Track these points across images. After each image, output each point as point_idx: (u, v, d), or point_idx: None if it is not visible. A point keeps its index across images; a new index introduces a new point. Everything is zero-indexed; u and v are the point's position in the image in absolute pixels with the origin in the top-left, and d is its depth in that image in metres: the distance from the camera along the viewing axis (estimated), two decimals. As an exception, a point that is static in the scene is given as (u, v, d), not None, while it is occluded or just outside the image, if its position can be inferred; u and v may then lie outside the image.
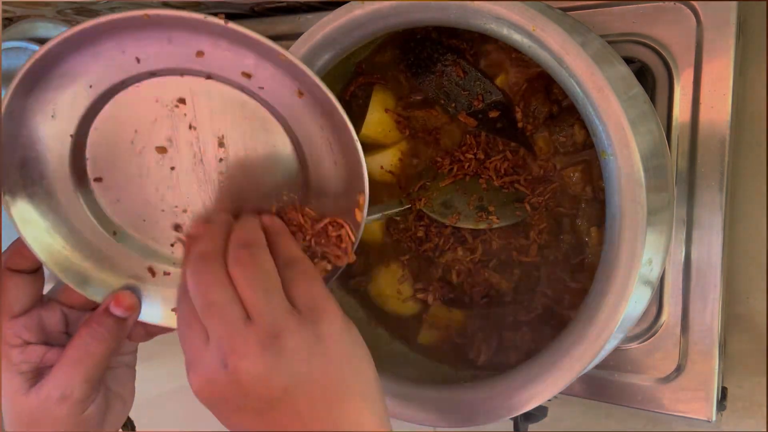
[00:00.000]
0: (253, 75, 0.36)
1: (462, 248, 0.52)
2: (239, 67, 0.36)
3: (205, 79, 0.37)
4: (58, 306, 0.41)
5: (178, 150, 0.39)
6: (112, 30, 0.34)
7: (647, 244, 0.37)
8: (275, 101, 0.38)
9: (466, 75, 0.50)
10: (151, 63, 0.36)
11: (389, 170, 0.53)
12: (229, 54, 0.36)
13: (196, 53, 0.36)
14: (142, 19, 0.33)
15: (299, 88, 0.37)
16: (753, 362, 0.56)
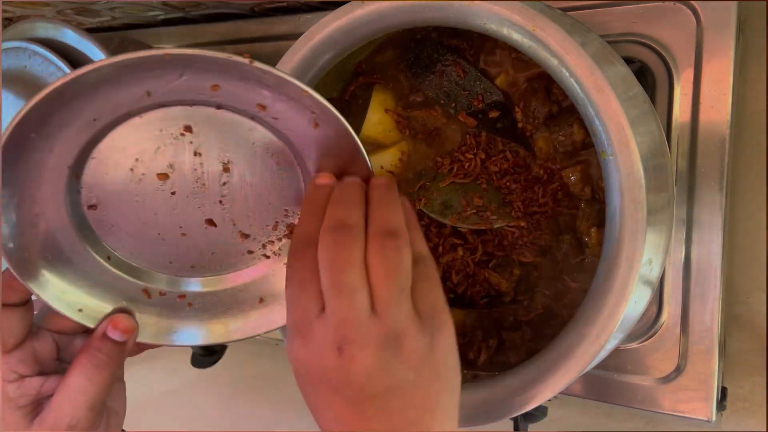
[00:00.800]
0: (268, 107, 0.36)
1: (462, 248, 0.52)
2: (254, 100, 0.35)
3: (215, 109, 0.36)
4: (49, 334, 0.40)
5: (180, 175, 0.39)
6: (127, 69, 0.33)
7: (647, 244, 0.37)
8: (288, 131, 0.37)
9: (466, 75, 0.50)
10: (161, 96, 0.35)
11: (389, 170, 0.53)
12: (244, 88, 0.35)
13: (211, 86, 0.35)
14: (163, 58, 0.32)
15: (315, 119, 0.36)
16: (753, 362, 0.56)
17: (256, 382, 0.86)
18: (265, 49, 0.64)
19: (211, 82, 0.34)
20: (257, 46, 0.64)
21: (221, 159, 0.38)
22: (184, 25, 0.69)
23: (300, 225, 0.35)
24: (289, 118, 0.36)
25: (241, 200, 0.40)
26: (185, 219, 0.40)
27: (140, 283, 0.42)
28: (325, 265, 0.33)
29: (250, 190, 0.40)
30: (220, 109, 0.36)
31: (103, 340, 0.39)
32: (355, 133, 0.36)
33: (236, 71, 0.33)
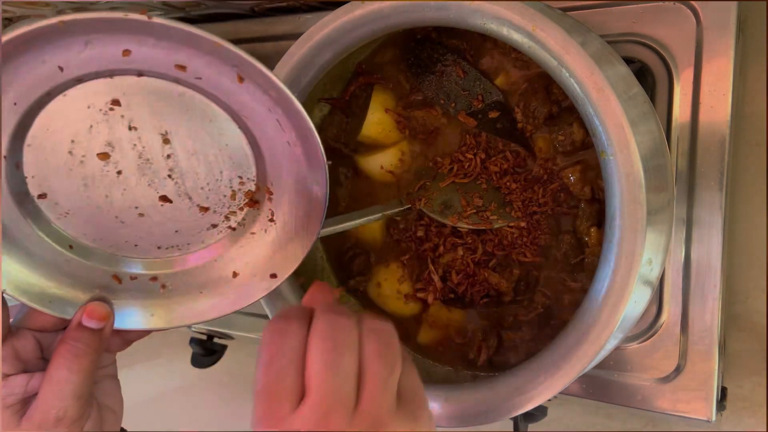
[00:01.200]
0: (187, 66, 0.34)
1: (462, 248, 0.52)
2: (171, 60, 0.34)
3: (136, 77, 0.35)
4: (29, 332, 0.40)
5: (121, 153, 0.38)
6: (28, 42, 0.32)
7: (647, 244, 0.37)
8: (215, 89, 0.36)
9: (466, 75, 0.50)
10: (75, 69, 0.34)
11: (389, 170, 0.53)
12: (158, 49, 0.34)
13: (122, 52, 0.33)
14: (57, 27, 0.31)
15: (238, 73, 0.35)
16: (753, 362, 0.56)
17: (256, 382, 0.86)
18: (265, 49, 0.64)
19: (121, 47, 0.33)
20: (257, 46, 0.64)
21: (158, 130, 0.37)
22: (184, 25, 0.69)
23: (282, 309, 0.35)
24: (212, 76, 0.35)
25: (190, 172, 0.39)
26: (139, 198, 0.39)
27: (109, 269, 0.42)
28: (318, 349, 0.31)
29: (196, 160, 0.39)
30: (141, 76, 0.35)
31: (79, 330, 0.39)
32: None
33: (139, 31, 0.32)
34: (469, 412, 0.43)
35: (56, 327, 0.41)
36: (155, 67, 0.35)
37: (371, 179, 0.54)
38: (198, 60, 0.34)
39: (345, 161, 0.55)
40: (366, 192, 0.55)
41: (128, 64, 0.34)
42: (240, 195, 0.41)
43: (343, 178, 0.56)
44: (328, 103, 0.54)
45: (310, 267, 0.56)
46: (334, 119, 0.55)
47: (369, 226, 0.54)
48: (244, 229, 0.42)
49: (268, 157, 0.39)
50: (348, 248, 0.57)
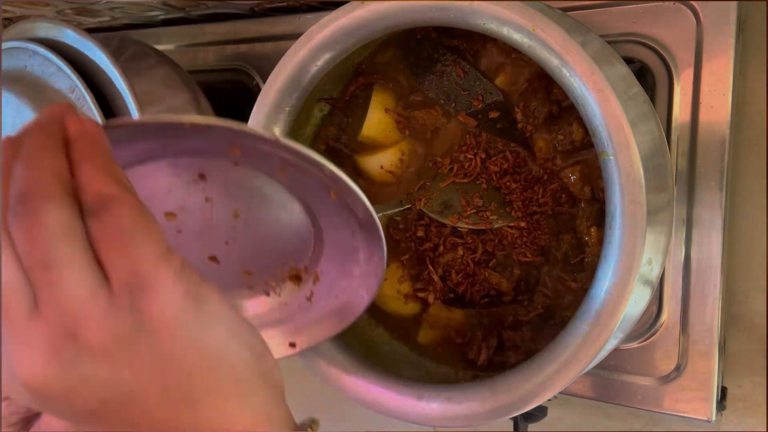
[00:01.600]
0: (287, 172, 0.35)
1: (462, 248, 0.52)
2: (275, 163, 0.34)
3: (233, 164, 0.35)
4: None
5: (188, 216, 0.38)
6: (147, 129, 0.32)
7: (647, 244, 0.37)
8: (305, 194, 0.37)
9: (466, 75, 0.50)
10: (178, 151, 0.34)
11: (389, 170, 0.53)
12: (265, 155, 0.33)
13: (231, 148, 0.33)
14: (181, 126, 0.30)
15: (334, 190, 0.35)
16: (753, 362, 0.56)
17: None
18: (265, 49, 0.64)
19: (232, 144, 0.33)
20: (257, 46, 0.64)
21: (233, 207, 0.38)
22: (184, 25, 0.69)
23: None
24: (306, 183, 0.35)
25: (247, 244, 0.40)
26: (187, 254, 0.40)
27: None
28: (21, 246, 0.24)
29: (258, 236, 0.39)
30: (237, 165, 0.35)
31: None
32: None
33: (258, 141, 0.32)
34: (469, 412, 0.43)
35: None
36: (255, 165, 0.35)
37: (371, 179, 0.54)
38: (300, 174, 0.34)
39: (345, 161, 0.55)
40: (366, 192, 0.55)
41: (231, 156, 0.34)
42: (285, 269, 0.42)
43: (343, 178, 0.56)
44: (328, 103, 0.54)
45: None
46: (334, 119, 0.55)
47: (369, 226, 0.54)
48: (278, 298, 0.43)
49: (327, 251, 0.40)
50: (348, 248, 0.57)
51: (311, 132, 0.55)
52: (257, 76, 0.64)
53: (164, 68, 0.58)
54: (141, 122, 0.31)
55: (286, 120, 0.49)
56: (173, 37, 0.70)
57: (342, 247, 0.39)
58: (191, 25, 0.69)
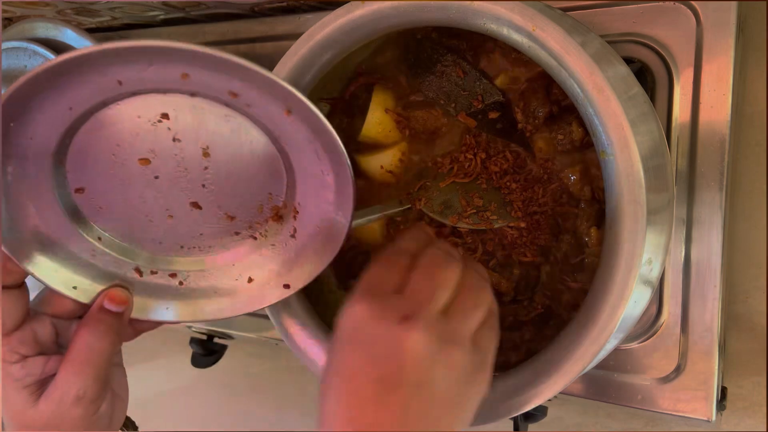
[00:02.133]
0: (240, 95, 0.36)
1: (462, 248, 0.52)
2: (226, 87, 0.36)
3: (189, 96, 0.37)
4: (47, 317, 0.41)
5: (161, 160, 0.40)
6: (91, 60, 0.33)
7: (647, 244, 0.37)
8: (263, 117, 0.38)
9: (466, 75, 0.50)
10: (133, 85, 0.36)
11: (389, 170, 0.53)
12: (214, 77, 0.35)
13: (181, 75, 0.35)
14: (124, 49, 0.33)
15: (287, 106, 0.36)
16: (753, 362, 0.56)
17: (256, 382, 0.86)
18: (265, 49, 0.64)
19: (181, 71, 0.35)
20: (257, 46, 0.64)
21: (200, 144, 0.39)
22: (184, 25, 0.69)
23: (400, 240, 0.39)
24: (262, 105, 0.37)
25: (224, 184, 0.41)
26: (171, 202, 0.41)
27: (132, 262, 0.44)
28: (429, 260, 0.36)
29: (232, 175, 0.41)
30: (194, 96, 0.37)
31: (101, 312, 0.41)
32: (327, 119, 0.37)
33: (203, 61, 0.34)
34: (469, 412, 0.43)
35: (72, 314, 0.43)
36: (209, 91, 0.36)
37: (371, 179, 0.54)
38: (250, 91, 0.36)
39: (345, 161, 0.55)
40: (366, 192, 0.55)
41: (184, 85, 0.36)
42: (267, 209, 0.43)
43: (343, 178, 0.56)
44: (328, 103, 0.54)
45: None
46: (334, 119, 0.55)
47: (369, 226, 0.54)
48: (266, 240, 0.44)
49: (300, 181, 0.41)
50: (348, 248, 0.57)
51: (311, 132, 0.55)
52: (257, 76, 0.64)
53: (164, 68, 0.58)
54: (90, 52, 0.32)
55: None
56: (173, 37, 0.70)
57: (312, 174, 0.40)
58: (191, 25, 0.69)
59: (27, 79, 0.33)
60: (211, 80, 0.35)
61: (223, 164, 0.40)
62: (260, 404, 0.86)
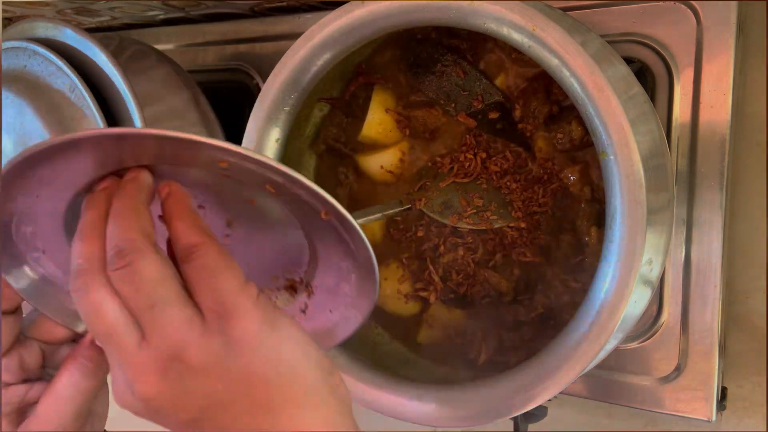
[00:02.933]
0: (278, 190, 0.34)
1: (462, 248, 0.52)
2: (264, 180, 0.33)
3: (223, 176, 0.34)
4: (36, 343, 0.39)
5: None
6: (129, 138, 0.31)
7: (647, 244, 0.37)
8: (297, 212, 0.36)
9: (466, 75, 0.50)
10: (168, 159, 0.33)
11: (389, 170, 0.53)
12: (255, 171, 0.32)
13: (219, 161, 0.32)
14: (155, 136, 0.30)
15: (325, 210, 0.34)
16: (753, 362, 0.56)
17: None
18: (265, 49, 0.64)
19: (220, 159, 0.32)
20: (257, 46, 0.64)
21: (225, 215, 0.38)
22: (184, 25, 0.69)
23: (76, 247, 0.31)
24: (298, 201, 0.34)
25: (241, 252, 0.39)
26: None
27: None
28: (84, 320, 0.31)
29: (252, 246, 0.39)
30: (228, 177, 0.34)
31: (91, 348, 0.38)
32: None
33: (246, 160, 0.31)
34: (469, 412, 0.43)
35: (62, 340, 0.41)
36: (245, 178, 0.34)
37: (371, 179, 0.54)
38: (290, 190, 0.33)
39: (345, 161, 0.55)
40: (366, 192, 0.55)
41: (222, 171, 0.33)
42: (282, 279, 0.41)
43: (343, 178, 0.56)
44: (328, 103, 0.54)
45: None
46: (334, 119, 0.55)
47: (369, 226, 0.54)
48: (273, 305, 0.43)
49: (321, 267, 0.39)
50: (348, 248, 0.57)
51: (311, 132, 0.55)
52: (257, 76, 0.64)
53: (164, 68, 0.58)
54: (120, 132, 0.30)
55: (286, 120, 0.49)
56: (173, 37, 0.70)
57: (335, 266, 0.39)
58: (191, 25, 0.69)
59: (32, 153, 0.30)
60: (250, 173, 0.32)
61: (245, 235, 0.38)
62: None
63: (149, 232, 0.31)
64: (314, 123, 0.55)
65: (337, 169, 0.56)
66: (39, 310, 0.39)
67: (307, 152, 0.55)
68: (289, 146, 0.51)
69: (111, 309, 0.30)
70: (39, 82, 0.52)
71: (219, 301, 0.30)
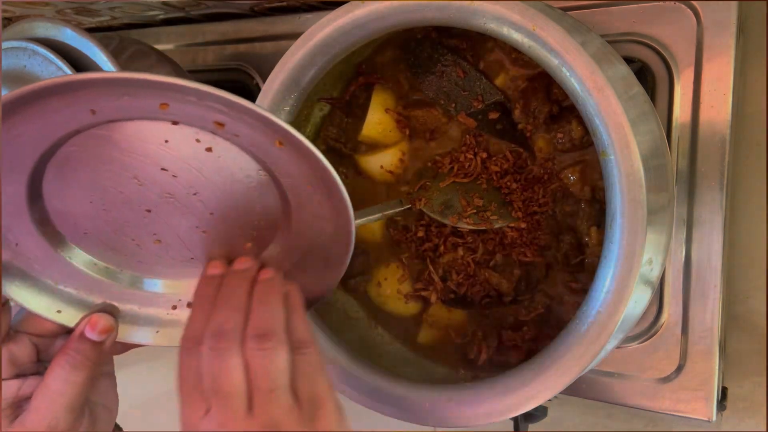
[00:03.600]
0: (226, 124, 0.34)
1: (462, 248, 0.52)
2: (210, 117, 0.34)
3: (171, 124, 0.34)
4: (27, 337, 0.40)
5: (146, 186, 0.37)
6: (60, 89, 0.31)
7: (647, 244, 0.37)
8: (252, 147, 0.36)
9: (466, 75, 0.50)
10: (109, 113, 0.33)
11: (389, 170, 0.53)
12: (197, 108, 0.33)
13: (159, 105, 0.33)
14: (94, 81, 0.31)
15: (278, 138, 0.34)
16: (753, 362, 0.56)
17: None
18: (265, 48, 0.64)
19: (160, 101, 0.33)
20: (257, 46, 0.64)
21: (187, 171, 0.37)
22: (184, 25, 0.69)
23: (189, 323, 0.37)
24: (251, 137, 0.35)
25: (214, 210, 0.39)
26: (158, 227, 0.39)
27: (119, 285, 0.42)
28: (205, 371, 0.35)
29: (222, 202, 0.39)
30: (176, 124, 0.34)
31: (80, 341, 0.39)
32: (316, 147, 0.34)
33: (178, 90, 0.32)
34: (469, 412, 0.43)
35: (56, 333, 0.41)
36: (192, 121, 0.34)
37: (371, 179, 0.54)
38: (237, 121, 0.34)
39: (345, 161, 0.55)
40: (366, 192, 0.55)
41: (165, 114, 0.34)
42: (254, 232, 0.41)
43: (343, 178, 0.56)
44: (328, 103, 0.54)
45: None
46: (334, 119, 0.55)
47: (369, 226, 0.54)
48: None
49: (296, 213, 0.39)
50: (348, 248, 0.57)
51: (311, 132, 0.55)
52: (257, 76, 0.64)
53: (164, 68, 0.58)
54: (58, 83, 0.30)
55: (286, 119, 0.49)
56: (173, 37, 0.70)
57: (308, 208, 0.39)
58: (191, 25, 0.69)
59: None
60: (193, 111, 0.33)
61: (214, 192, 0.38)
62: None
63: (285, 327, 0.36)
64: (314, 123, 0.55)
65: (337, 169, 0.55)
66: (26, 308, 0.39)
67: (307, 152, 0.55)
68: (289, 146, 0.51)
69: (238, 377, 0.34)
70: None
71: (315, 396, 0.35)
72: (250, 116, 0.33)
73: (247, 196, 0.39)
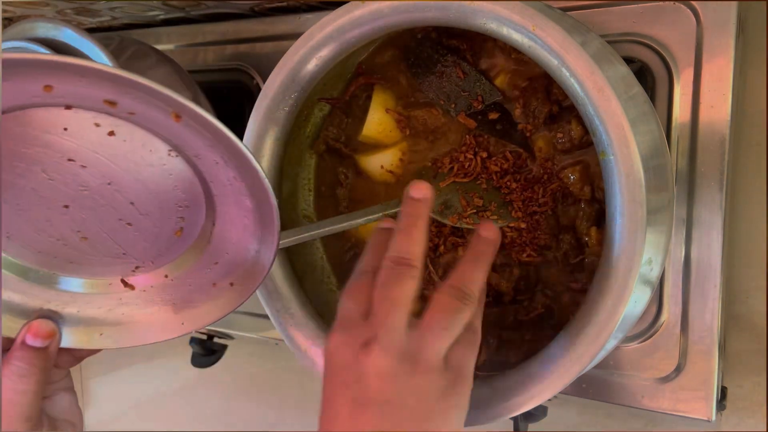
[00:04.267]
0: (117, 102, 0.32)
1: (462, 248, 0.52)
2: (99, 95, 0.31)
3: (64, 109, 0.32)
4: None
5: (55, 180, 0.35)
6: None
7: (647, 244, 0.37)
8: (151, 124, 0.33)
9: (466, 76, 0.50)
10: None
11: (389, 170, 0.53)
12: (81, 86, 0.30)
13: (43, 88, 0.30)
14: None
15: (173, 111, 0.32)
16: (753, 362, 0.56)
17: (256, 382, 0.86)
18: (265, 49, 0.64)
19: (42, 83, 0.30)
20: (257, 46, 0.64)
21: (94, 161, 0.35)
22: (184, 25, 0.69)
23: (362, 259, 0.40)
24: (147, 113, 0.32)
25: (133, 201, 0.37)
26: (80, 223, 0.38)
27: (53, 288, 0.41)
28: (383, 281, 0.37)
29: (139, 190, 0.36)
30: (70, 109, 0.32)
31: (23, 349, 0.38)
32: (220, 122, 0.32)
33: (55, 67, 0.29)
34: (469, 412, 0.43)
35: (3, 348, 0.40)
36: (83, 102, 0.32)
37: (371, 179, 0.54)
38: (128, 97, 0.31)
39: (345, 161, 0.55)
40: (366, 192, 0.55)
41: (53, 98, 0.31)
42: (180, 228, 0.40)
43: (343, 178, 0.56)
44: (328, 103, 0.54)
45: (310, 267, 0.56)
46: (334, 119, 0.55)
47: (369, 226, 0.54)
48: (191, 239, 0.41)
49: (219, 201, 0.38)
50: (348, 248, 0.57)
51: (311, 132, 0.55)
52: (257, 76, 0.64)
53: (164, 68, 0.58)
54: None
55: (285, 119, 0.49)
56: (173, 37, 0.70)
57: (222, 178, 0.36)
58: (191, 25, 0.69)
59: None
60: (80, 90, 0.31)
61: (128, 180, 0.36)
62: (260, 404, 0.86)
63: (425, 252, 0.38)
64: (314, 123, 0.55)
65: (337, 169, 0.56)
66: None
67: (307, 152, 0.56)
68: (289, 146, 0.51)
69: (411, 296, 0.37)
70: (39, 82, 0.51)
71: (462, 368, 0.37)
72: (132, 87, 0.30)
73: (165, 181, 0.36)
